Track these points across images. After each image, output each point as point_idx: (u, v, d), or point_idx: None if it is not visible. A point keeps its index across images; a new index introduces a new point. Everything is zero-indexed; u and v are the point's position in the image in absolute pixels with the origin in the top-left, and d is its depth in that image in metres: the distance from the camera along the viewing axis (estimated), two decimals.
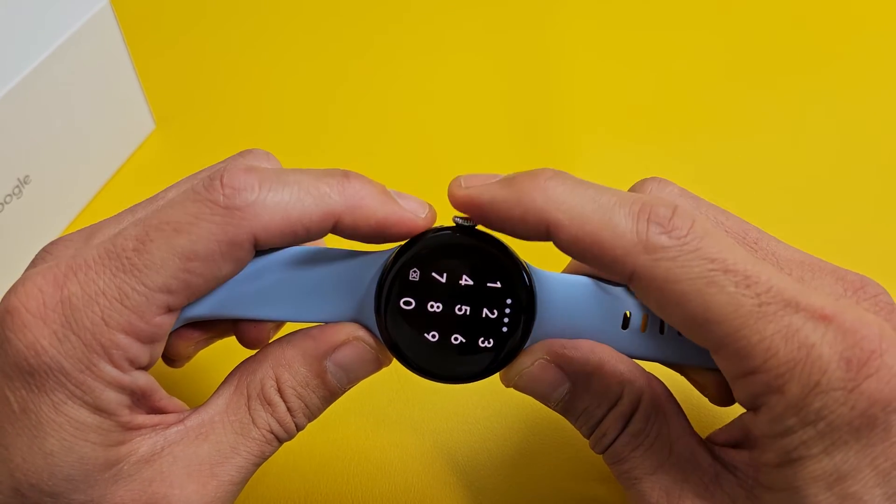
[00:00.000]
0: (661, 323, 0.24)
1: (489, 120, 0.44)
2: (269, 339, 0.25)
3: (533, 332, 0.23)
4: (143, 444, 0.21)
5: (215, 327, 0.25)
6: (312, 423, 0.24)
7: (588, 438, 0.24)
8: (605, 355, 0.23)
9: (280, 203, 0.21)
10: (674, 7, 0.51)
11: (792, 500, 0.20)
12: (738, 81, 0.46)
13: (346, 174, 0.22)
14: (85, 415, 0.20)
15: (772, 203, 0.40)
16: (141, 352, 0.21)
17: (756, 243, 0.23)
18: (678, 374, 0.26)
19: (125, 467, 0.21)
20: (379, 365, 0.24)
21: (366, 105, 0.45)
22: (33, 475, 0.20)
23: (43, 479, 0.20)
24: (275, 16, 0.50)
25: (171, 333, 0.24)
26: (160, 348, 0.22)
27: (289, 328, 0.24)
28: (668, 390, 0.23)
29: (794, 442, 0.20)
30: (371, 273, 0.23)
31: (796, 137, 0.43)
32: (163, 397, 0.22)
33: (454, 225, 0.23)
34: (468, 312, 0.23)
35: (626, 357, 0.23)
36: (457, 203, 0.23)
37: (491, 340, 0.23)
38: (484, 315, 0.23)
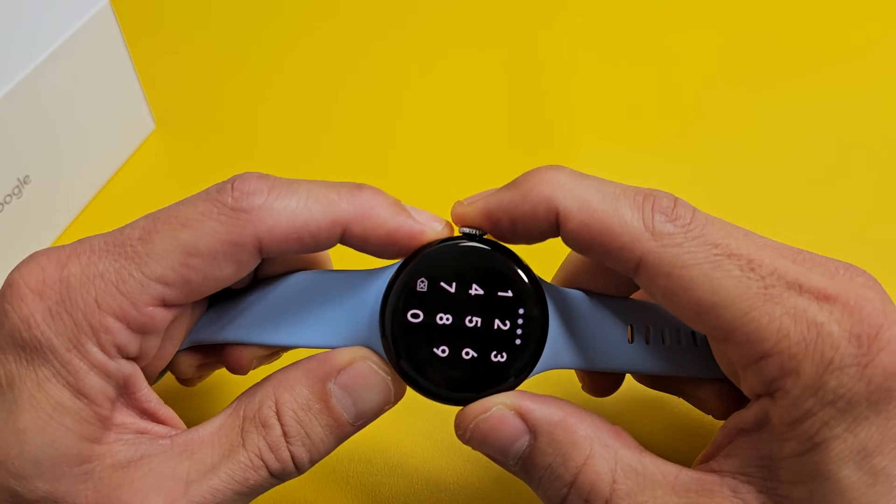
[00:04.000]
0: (663, 335, 0.24)
1: (488, 124, 0.44)
2: (252, 365, 0.25)
3: (546, 346, 0.22)
4: (122, 451, 0.21)
5: (216, 353, 0.25)
6: None
7: None
8: (572, 408, 0.22)
9: (287, 208, 0.21)
10: (672, 10, 0.51)
11: (822, 489, 0.19)
12: (737, 83, 0.46)
13: (359, 185, 0.22)
14: (65, 396, 0.20)
15: (770, 204, 0.40)
16: (129, 340, 0.21)
17: (746, 236, 0.23)
18: (674, 398, 0.26)
19: (97, 468, 0.20)
20: (388, 393, 0.23)
21: (366, 107, 0.45)
22: (3, 451, 0.20)
23: (11, 458, 0.20)
24: (276, 17, 0.50)
25: (177, 353, 0.24)
26: (153, 343, 0.22)
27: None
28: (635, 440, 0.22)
29: (816, 424, 0.19)
30: (376, 290, 0.23)
31: (795, 139, 0.43)
32: (151, 398, 0.22)
33: (461, 235, 0.23)
34: (479, 324, 0.22)
35: (594, 413, 0.22)
36: (465, 220, 0.23)
37: (504, 354, 0.22)
38: (496, 327, 0.22)
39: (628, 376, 0.28)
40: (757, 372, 0.20)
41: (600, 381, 0.27)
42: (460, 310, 0.22)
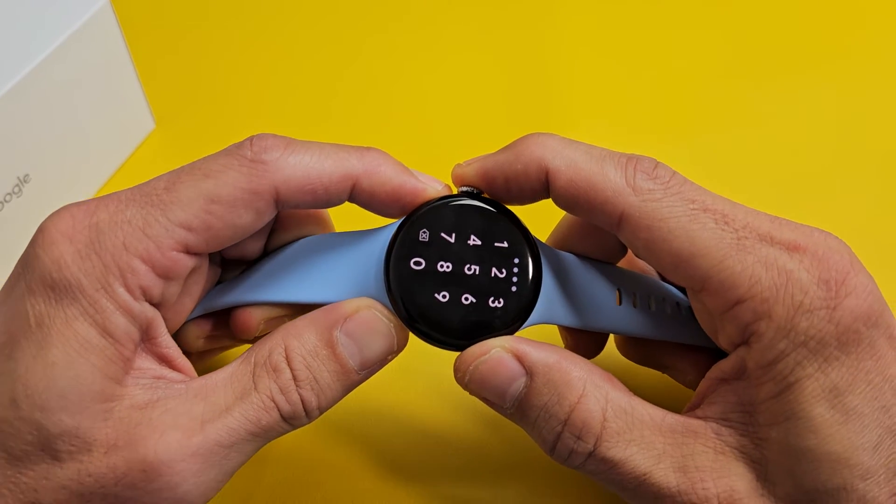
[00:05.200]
0: (649, 302, 0.25)
1: (488, 114, 0.44)
2: (259, 328, 0.26)
3: (540, 296, 0.24)
4: (139, 394, 0.22)
5: (224, 326, 0.26)
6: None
7: (552, 453, 0.23)
8: (566, 353, 0.23)
9: (301, 162, 0.23)
10: (672, 1, 0.51)
11: (797, 427, 0.21)
12: (736, 75, 0.46)
13: (367, 147, 0.24)
14: (92, 334, 0.21)
15: (769, 196, 0.40)
16: (154, 283, 0.22)
17: (722, 198, 0.24)
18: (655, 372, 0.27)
19: (117, 408, 0.21)
20: (392, 341, 0.24)
21: (366, 104, 0.45)
22: (31, 384, 0.20)
23: (38, 390, 0.20)
24: (275, 15, 0.50)
25: (185, 323, 0.26)
26: (174, 290, 0.23)
27: None
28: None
29: (790, 364, 0.21)
30: (380, 245, 0.24)
31: (794, 131, 0.43)
32: (170, 345, 0.23)
33: (460, 193, 0.24)
34: (478, 272, 0.23)
35: (586, 359, 0.23)
36: (464, 179, 0.25)
37: (501, 300, 0.23)
38: (493, 274, 0.23)
39: (612, 350, 0.29)
40: (732, 318, 0.22)
41: (584, 342, 0.28)
42: (460, 258, 0.23)
